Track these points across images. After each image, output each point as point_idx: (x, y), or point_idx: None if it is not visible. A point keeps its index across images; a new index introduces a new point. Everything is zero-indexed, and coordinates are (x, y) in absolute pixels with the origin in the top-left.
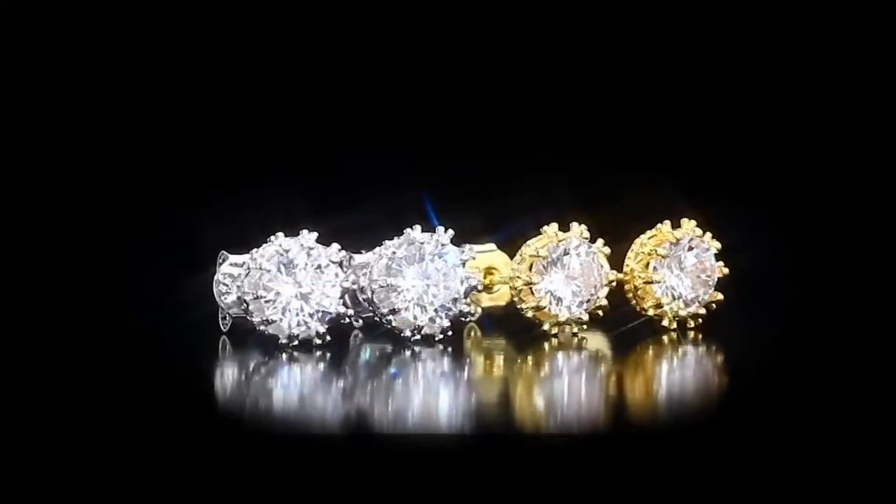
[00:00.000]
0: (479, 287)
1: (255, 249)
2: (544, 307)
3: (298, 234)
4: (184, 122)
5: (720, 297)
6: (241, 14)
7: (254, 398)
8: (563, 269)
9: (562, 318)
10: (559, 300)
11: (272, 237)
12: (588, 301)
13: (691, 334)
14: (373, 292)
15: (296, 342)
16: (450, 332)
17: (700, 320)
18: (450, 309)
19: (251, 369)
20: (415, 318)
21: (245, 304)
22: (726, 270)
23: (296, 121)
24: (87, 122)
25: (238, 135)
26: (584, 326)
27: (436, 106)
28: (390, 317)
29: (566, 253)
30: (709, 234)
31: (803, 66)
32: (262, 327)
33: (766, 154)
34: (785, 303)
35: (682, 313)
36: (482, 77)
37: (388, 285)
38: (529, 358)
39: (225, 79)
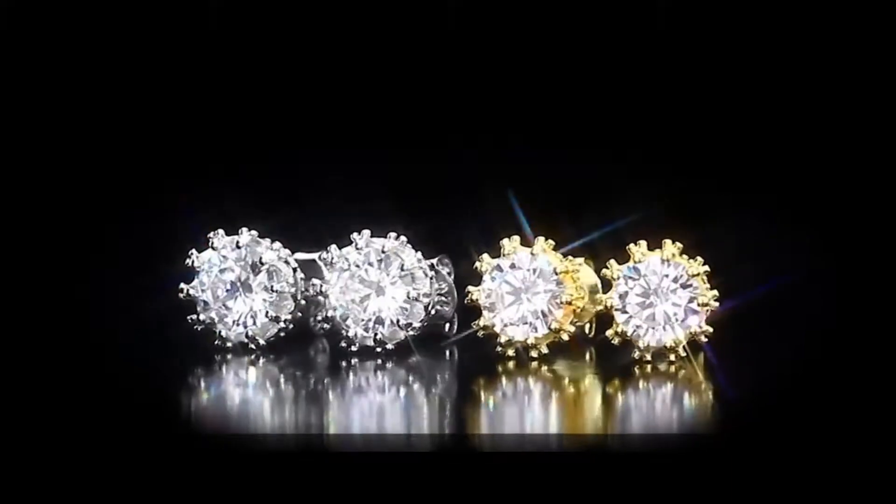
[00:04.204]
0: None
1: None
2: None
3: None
4: (152, 118)
5: (707, 329)
6: (232, 12)
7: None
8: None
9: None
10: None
11: (211, 234)
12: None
13: (671, 368)
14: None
15: (229, 344)
16: (388, 346)
17: (682, 352)
18: (381, 321)
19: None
20: (347, 328)
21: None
22: (706, 300)
23: (267, 119)
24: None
25: (216, 132)
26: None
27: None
28: (324, 325)
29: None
30: (698, 260)
31: (832, 72)
32: (196, 327)
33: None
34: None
35: (642, 344)
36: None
37: (318, 292)
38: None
39: (203, 74)
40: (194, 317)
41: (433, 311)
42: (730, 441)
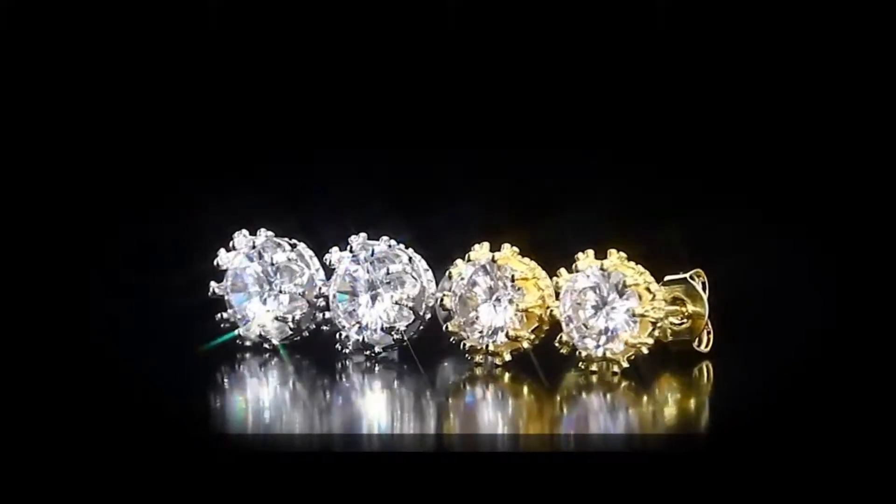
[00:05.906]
0: (405, 309)
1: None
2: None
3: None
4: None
5: (647, 342)
6: (233, 15)
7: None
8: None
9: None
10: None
11: (235, 234)
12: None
13: (615, 378)
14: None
15: (248, 343)
16: (376, 352)
17: (626, 364)
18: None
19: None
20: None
21: None
22: (643, 311)
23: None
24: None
25: (224, 132)
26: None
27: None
28: (324, 326)
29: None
30: (639, 269)
31: (832, 72)
32: (222, 325)
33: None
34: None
35: (583, 354)
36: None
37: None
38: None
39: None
40: (219, 315)
41: (428, 316)
42: (729, 441)
